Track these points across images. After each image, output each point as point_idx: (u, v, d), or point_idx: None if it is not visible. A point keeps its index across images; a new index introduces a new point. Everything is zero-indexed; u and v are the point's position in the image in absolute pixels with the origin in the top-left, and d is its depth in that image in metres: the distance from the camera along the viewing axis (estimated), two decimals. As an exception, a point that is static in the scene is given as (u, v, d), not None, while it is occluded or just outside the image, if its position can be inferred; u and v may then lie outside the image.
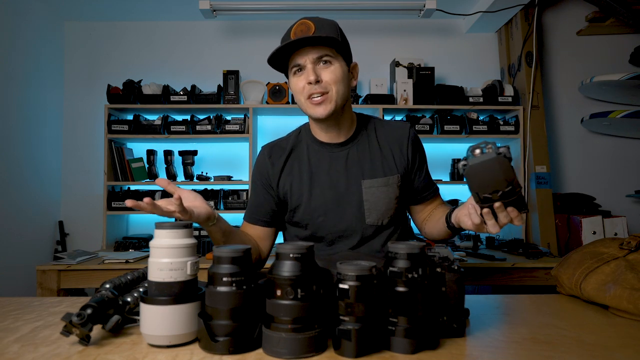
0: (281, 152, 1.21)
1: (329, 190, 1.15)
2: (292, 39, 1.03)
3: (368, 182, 1.15)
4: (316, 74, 1.06)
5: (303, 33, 1.03)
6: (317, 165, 1.17)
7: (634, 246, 0.93)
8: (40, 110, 2.84)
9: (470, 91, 2.80)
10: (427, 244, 0.82)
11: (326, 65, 1.07)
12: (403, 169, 1.18)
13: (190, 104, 2.75)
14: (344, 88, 1.10)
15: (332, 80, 1.07)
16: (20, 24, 2.67)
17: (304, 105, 1.11)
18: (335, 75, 1.07)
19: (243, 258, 0.67)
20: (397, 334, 0.64)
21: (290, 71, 1.11)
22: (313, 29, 1.03)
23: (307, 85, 1.07)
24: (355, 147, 1.18)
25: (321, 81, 1.06)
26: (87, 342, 0.67)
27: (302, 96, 1.09)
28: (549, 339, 0.71)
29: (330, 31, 1.06)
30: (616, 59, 2.99)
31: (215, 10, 2.66)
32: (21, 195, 2.65)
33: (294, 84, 1.10)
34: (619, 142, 3.03)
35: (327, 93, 1.07)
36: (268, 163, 1.20)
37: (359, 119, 1.22)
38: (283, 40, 1.08)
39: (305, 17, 1.06)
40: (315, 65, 1.07)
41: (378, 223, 1.15)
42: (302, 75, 1.08)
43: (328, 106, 1.07)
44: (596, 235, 2.50)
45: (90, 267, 2.20)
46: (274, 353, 0.63)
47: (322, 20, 1.07)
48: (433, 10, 2.61)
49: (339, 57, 1.09)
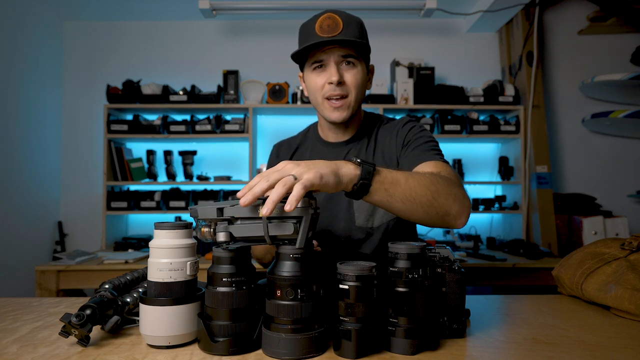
0: (288, 150, 1.22)
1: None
2: (318, 33, 0.99)
3: None
4: (340, 74, 1.02)
5: (330, 29, 0.98)
6: None
7: (635, 246, 0.92)
8: (39, 110, 2.84)
9: (471, 91, 2.80)
10: (427, 244, 0.81)
11: (349, 67, 1.04)
12: (396, 159, 1.10)
13: (190, 103, 2.75)
14: (362, 92, 1.07)
15: (354, 84, 1.04)
16: (19, 24, 2.67)
17: (321, 106, 1.08)
18: (356, 79, 1.04)
19: (243, 258, 0.67)
20: (398, 334, 0.64)
21: (310, 66, 1.06)
22: (341, 26, 0.99)
23: (328, 85, 1.04)
24: (356, 145, 1.16)
25: (343, 83, 1.03)
26: (86, 342, 0.66)
27: (320, 95, 1.06)
28: (550, 340, 0.71)
29: (357, 31, 1.01)
30: (617, 58, 2.99)
31: (215, 9, 2.65)
32: (20, 195, 2.64)
33: (312, 80, 1.06)
34: (620, 142, 3.02)
35: (347, 97, 1.04)
36: (277, 162, 1.18)
37: (366, 118, 1.20)
38: (305, 32, 1.03)
39: (332, 11, 1.01)
40: (339, 65, 1.03)
41: (367, 225, 1.09)
42: (323, 73, 1.04)
43: (345, 112, 1.05)
44: (597, 235, 2.50)
45: (90, 268, 2.20)
46: (274, 354, 0.63)
47: (349, 17, 1.02)
48: (433, 9, 2.61)
49: (362, 60, 1.06)
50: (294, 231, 0.63)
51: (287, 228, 0.64)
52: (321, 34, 0.99)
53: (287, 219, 0.64)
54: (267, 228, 0.64)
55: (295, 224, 0.63)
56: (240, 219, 0.66)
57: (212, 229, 0.68)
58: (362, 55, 1.06)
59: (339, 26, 0.99)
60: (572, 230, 2.62)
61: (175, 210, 2.71)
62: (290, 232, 0.64)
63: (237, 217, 0.66)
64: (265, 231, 0.64)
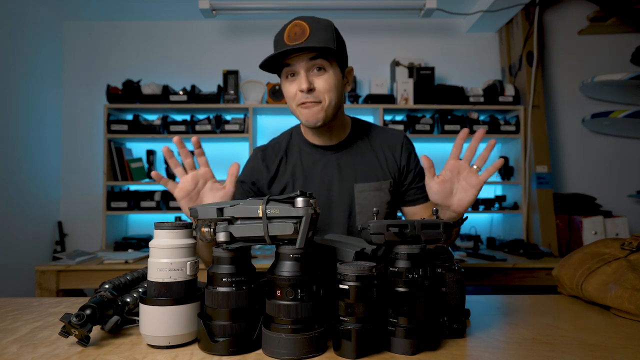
0: (274, 155, 1.19)
1: (322, 192, 1.14)
2: (285, 42, 1.00)
3: (360, 186, 1.14)
4: (309, 81, 1.02)
5: (297, 36, 0.99)
6: (310, 167, 1.16)
7: (635, 246, 0.92)
8: (39, 110, 2.84)
9: (471, 91, 2.80)
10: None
11: (320, 73, 1.04)
12: (395, 174, 1.17)
13: (190, 103, 2.75)
14: (337, 96, 1.07)
15: (325, 89, 1.04)
16: (19, 24, 2.67)
17: (296, 112, 1.09)
18: (328, 84, 1.04)
19: (243, 258, 0.67)
20: (398, 334, 0.64)
21: (283, 74, 1.07)
22: (308, 32, 0.98)
23: (299, 93, 1.04)
24: (349, 151, 1.17)
25: (314, 89, 1.03)
26: (86, 342, 0.66)
27: (294, 102, 1.07)
28: (550, 340, 0.71)
29: (325, 36, 1.01)
30: (617, 58, 2.99)
31: (214, 9, 2.65)
32: (20, 195, 2.64)
33: (286, 89, 1.08)
34: (620, 142, 3.02)
35: (320, 103, 1.05)
36: (262, 166, 1.18)
37: (354, 124, 1.21)
38: (276, 41, 1.04)
39: (300, 18, 1.02)
40: (308, 72, 1.03)
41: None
42: (294, 82, 1.05)
43: (319, 115, 1.05)
44: (597, 235, 2.50)
45: (90, 268, 2.20)
46: (274, 354, 0.62)
47: (318, 22, 1.02)
48: (433, 9, 2.61)
49: (334, 63, 1.05)
50: (294, 231, 0.64)
51: (287, 228, 0.64)
52: (288, 42, 0.99)
53: (287, 219, 0.64)
54: (267, 228, 0.64)
55: (295, 224, 0.63)
56: (240, 219, 0.66)
57: (212, 229, 0.68)
58: (334, 59, 1.05)
59: (306, 33, 0.99)
60: (572, 230, 2.62)
61: (175, 210, 2.71)
62: (290, 232, 0.64)
63: (237, 217, 0.66)
64: (265, 231, 0.64)
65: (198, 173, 0.97)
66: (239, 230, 0.66)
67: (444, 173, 0.95)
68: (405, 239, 0.68)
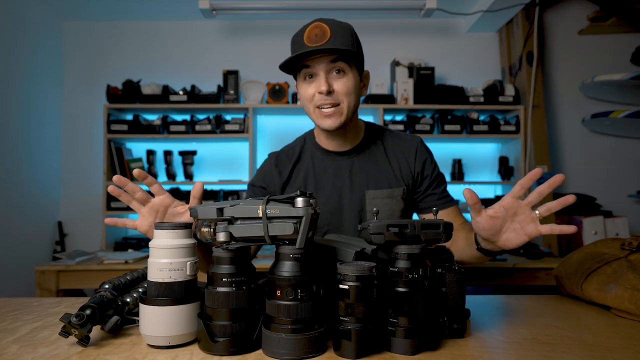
0: (287, 161, 1.19)
1: (333, 198, 1.13)
2: (306, 43, 0.99)
3: (372, 193, 1.12)
4: (328, 84, 1.02)
5: (318, 38, 0.98)
6: (322, 173, 1.16)
7: (635, 246, 0.92)
8: (39, 110, 2.84)
9: (471, 91, 2.80)
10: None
11: (339, 75, 1.03)
12: (409, 181, 1.15)
13: (190, 103, 2.75)
14: (355, 99, 1.07)
15: (344, 92, 1.03)
16: (19, 24, 2.67)
17: (313, 115, 1.08)
18: (347, 87, 1.03)
19: (243, 258, 0.67)
20: (398, 334, 0.64)
21: (300, 76, 1.07)
22: (329, 34, 0.98)
23: (318, 95, 1.03)
24: (361, 156, 1.16)
25: (333, 92, 1.02)
26: (86, 342, 0.66)
27: (311, 105, 1.06)
28: (550, 340, 0.71)
29: (346, 39, 1.00)
30: (617, 58, 2.98)
31: (214, 9, 2.65)
32: (20, 195, 2.64)
33: (304, 91, 1.06)
34: (620, 142, 3.02)
35: (338, 105, 1.04)
36: (275, 171, 1.18)
37: (368, 128, 1.19)
38: (295, 42, 1.03)
39: (320, 20, 1.01)
40: (328, 74, 1.03)
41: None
42: (313, 83, 1.04)
43: (338, 119, 1.05)
44: (597, 235, 2.50)
45: (90, 268, 2.20)
46: (274, 354, 0.62)
47: (338, 24, 1.02)
48: (433, 9, 2.61)
49: (353, 66, 1.05)
50: (294, 231, 0.63)
51: (287, 228, 0.64)
52: (309, 43, 0.99)
53: (287, 219, 0.64)
54: (267, 228, 0.64)
55: (295, 224, 0.63)
56: (240, 219, 0.66)
57: (212, 229, 0.68)
58: (353, 62, 1.05)
59: (327, 35, 0.98)
60: (572, 230, 2.61)
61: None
62: (290, 232, 0.64)
63: (237, 217, 0.66)
64: (265, 231, 0.64)
65: (154, 203, 0.89)
66: (239, 230, 0.66)
67: (497, 209, 0.84)
68: (405, 239, 0.68)
